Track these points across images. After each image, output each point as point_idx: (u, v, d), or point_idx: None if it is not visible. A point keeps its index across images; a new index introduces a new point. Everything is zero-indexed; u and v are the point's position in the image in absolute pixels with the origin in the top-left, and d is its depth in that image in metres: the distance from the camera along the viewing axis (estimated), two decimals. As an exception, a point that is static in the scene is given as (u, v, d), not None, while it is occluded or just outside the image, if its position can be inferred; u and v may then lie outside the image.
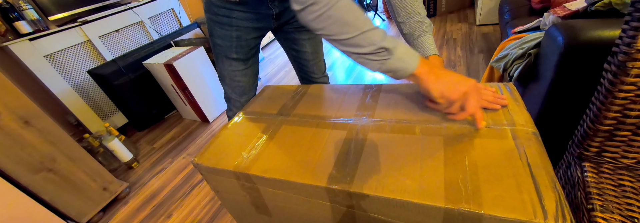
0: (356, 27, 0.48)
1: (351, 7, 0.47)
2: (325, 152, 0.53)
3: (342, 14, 0.47)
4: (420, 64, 0.49)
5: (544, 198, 0.35)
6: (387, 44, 0.48)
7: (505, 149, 0.44)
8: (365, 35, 0.48)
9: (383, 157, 0.48)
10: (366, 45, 0.48)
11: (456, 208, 0.37)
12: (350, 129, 0.58)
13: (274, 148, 0.58)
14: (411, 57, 0.50)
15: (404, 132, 0.54)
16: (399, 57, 0.49)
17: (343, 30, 0.48)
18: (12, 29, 1.54)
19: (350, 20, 0.47)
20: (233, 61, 0.86)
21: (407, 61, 0.49)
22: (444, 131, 0.51)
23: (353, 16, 0.47)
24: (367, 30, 0.48)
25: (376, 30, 0.48)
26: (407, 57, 0.49)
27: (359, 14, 0.48)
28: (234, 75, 0.88)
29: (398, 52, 0.49)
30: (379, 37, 0.48)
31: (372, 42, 0.48)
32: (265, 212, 0.63)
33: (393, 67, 0.50)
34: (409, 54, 0.50)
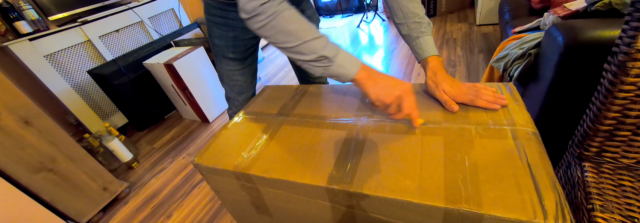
0: (298, 37, 0.51)
1: (294, 19, 0.51)
2: (325, 152, 0.53)
3: (285, 25, 0.51)
4: (359, 70, 0.53)
5: (544, 198, 0.35)
6: (327, 52, 0.51)
7: (505, 149, 0.44)
8: (307, 44, 0.51)
9: (383, 157, 0.48)
10: (308, 53, 0.52)
11: (456, 208, 0.37)
12: (350, 129, 0.58)
13: (274, 148, 0.58)
14: (351, 64, 0.53)
15: (403, 132, 0.54)
16: (340, 64, 0.52)
17: (287, 39, 0.52)
18: (12, 29, 1.54)
19: (293, 30, 0.51)
20: (230, 61, 0.86)
21: (347, 68, 0.53)
22: (444, 131, 0.51)
23: (295, 27, 0.51)
24: (309, 39, 0.51)
25: (318, 40, 0.52)
26: (347, 64, 0.53)
27: (302, 25, 0.52)
28: (232, 74, 0.89)
29: (338, 59, 0.52)
30: (321, 46, 0.52)
31: (313, 50, 0.51)
32: (265, 212, 0.63)
33: (335, 73, 0.53)
34: (349, 61, 0.53)
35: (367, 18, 3.44)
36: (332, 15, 4.05)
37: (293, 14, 0.51)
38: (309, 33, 0.52)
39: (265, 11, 0.50)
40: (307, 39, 0.51)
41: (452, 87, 0.59)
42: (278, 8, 0.50)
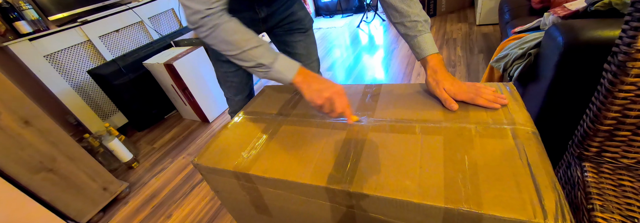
0: (238, 47, 0.58)
1: (233, 30, 0.57)
2: (325, 151, 0.53)
3: (225, 36, 0.57)
4: (296, 75, 0.58)
5: (544, 198, 0.35)
6: (264, 60, 0.58)
7: (505, 148, 0.44)
8: (246, 53, 0.58)
9: (383, 157, 0.48)
10: (248, 61, 0.59)
11: (456, 208, 0.37)
12: (350, 129, 0.58)
13: (274, 148, 0.58)
14: (288, 69, 0.59)
15: (403, 131, 0.54)
16: (277, 70, 0.58)
17: (228, 48, 0.58)
18: (12, 29, 1.55)
19: (233, 40, 0.57)
20: (224, 63, 0.89)
21: (285, 73, 0.58)
22: (443, 131, 0.51)
23: (235, 38, 0.57)
24: (248, 48, 0.58)
25: (257, 49, 0.58)
26: (285, 70, 0.59)
27: (242, 35, 0.58)
28: (227, 76, 0.92)
29: (276, 66, 0.58)
30: (259, 54, 0.58)
31: (252, 58, 0.58)
32: (265, 212, 0.63)
33: (274, 78, 0.60)
34: (287, 67, 0.59)
35: (367, 18, 3.44)
36: (332, 15, 4.05)
37: (233, 26, 0.57)
38: (249, 43, 0.58)
39: (207, 24, 0.55)
40: (246, 48, 0.57)
41: (452, 85, 0.60)
42: (218, 21, 0.56)
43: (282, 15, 0.85)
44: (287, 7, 0.85)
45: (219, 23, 0.56)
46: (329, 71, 2.33)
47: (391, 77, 2.03)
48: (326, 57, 2.62)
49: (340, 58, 2.55)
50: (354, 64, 2.36)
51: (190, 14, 0.55)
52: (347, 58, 2.52)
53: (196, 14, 0.55)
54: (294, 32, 0.91)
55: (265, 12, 0.81)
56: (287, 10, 0.85)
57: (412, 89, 0.68)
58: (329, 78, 1.09)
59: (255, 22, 0.84)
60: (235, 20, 0.58)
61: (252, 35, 0.59)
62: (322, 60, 2.58)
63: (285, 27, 0.90)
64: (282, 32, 0.92)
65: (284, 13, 0.85)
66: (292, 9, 0.86)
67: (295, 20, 0.89)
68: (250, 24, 0.83)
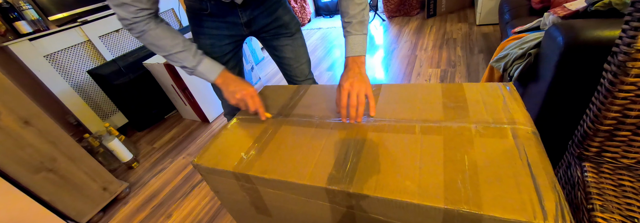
0: (165, 50, 0.68)
1: (159, 36, 0.66)
2: (325, 152, 0.53)
3: (152, 40, 0.67)
4: (217, 78, 0.71)
5: (544, 199, 0.35)
6: (188, 64, 0.69)
7: (505, 148, 0.44)
8: (173, 56, 0.69)
9: (382, 157, 0.48)
10: (176, 62, 0.70)
11: (456, 209, 0.37)
12: (350, 129, 0.58)
13: (274, 148, 0.58)
14: (210, 72, 0.71)
15: (403, 131, 0.54)
16: (200, 72, 0.70)
17: (157, 50, 0.68)
18: (12, 29, 1.55)
19: (160, 45, 0.67)
20: None
21: (207, 75, 0.71)
22: (443, 130, 0.51)
23: (162, 42, 0.67)
24: (174, 52, 0.68)
25: (181, 53, 0.68)
26: (207, 72, 0.71)
27: (168, 41, 0.67)
28: None
29: (199, 68, 0.70)
30: (183, 58, 0.68)
31: (178, 61, 0.69)
32: (265, 213, 0.63)
33: (199, 77, 0.72)
34: (209, 70, 0.71)
35: (367, 18, 3.44)
36: (332, 15, 4.04)
37: (159, 33, 0.66)
38: (174, 48, 0.67)
39: (134, 29, 0.64)
40: (172, 52, 0.68)
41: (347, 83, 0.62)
42: (144, 28, 0.64)
43: (266, 20, 0.86)
44: (270, 12, 0.85)
45: (145, 30, 0.64)
46: (329, 71, 2.33)
47: (391, 77, 2.03)
48: (326, 57, 2.62)
49: (340, 58, 2.54)
50: (354, 64, 2.35)
51: (119, 18, 0.63)
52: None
53: (123, 20, 0.62)
54: (281, 36, 0.92)
55: (247, 16, 0.82)
56: (271, 15, 0.86)
57: (412, 89, 0.68)
58: (328, 78, 1.10)
59: (237, 27, 0.85)
60: (163, 27, 0.67)
61: (178, 40, 0.68)
62: (322, 60, 2.58)
63: (271, 32, 0.90)
64: (269, 37, 0.92)
65: (267, 18, 0.85)
66: (277, 14, 0.87)
67: (281, 25, 0.89)
68: (233, 28, 0.85)
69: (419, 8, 3.31)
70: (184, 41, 0.69)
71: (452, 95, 0.62)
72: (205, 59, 0.70)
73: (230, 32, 0.86)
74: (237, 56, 0.95)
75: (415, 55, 2.26)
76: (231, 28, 0.85)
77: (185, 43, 0.69)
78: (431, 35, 2.59)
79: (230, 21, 0.82)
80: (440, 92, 0.64)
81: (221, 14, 0.81)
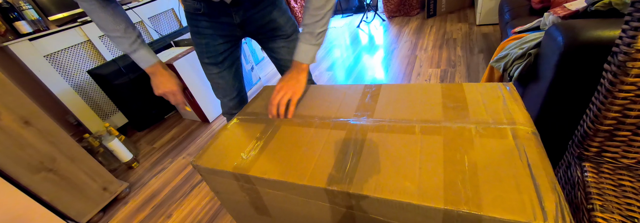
0: (104, 30, 0.75)
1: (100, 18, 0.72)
2: (325, 152, 0.53)
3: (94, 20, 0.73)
4: (148, 68, 0.81)
5: (544, 199, 0.35)
6: (124, 49, 0.77)
7: (505, 149, 0.44)
8: (112, 38, 0.76)
9: (382, 158, 0.48)
10: (115, 44, 0.77)
11: (455, 210, 0.37)
12: (350, 129, 0.58)
13: (273, 148, 0.58)
14: (142, 62, 0.80)
15: (403, 131, 0.53)
16: (135, 59, 0.80)
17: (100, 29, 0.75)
18: (12, 29, 1.55)
19: (100, 25, 0.74)
20: (207, 65, 0.93)
21: (140, 64, 0.80)
22: (443, 131, 0.51)
23: (101, 23, 0.73)
24: (114, 36, 0.75)
25: (121, 38, 0.75)
26: (140, 61, 0.80)
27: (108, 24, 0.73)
28: (212, 77, 0.96)
29: (134, 56, 0.79)
30: (119, 42, 0.76)
31: (116, 44, 0.77)
32: (265, 213, 0.63)
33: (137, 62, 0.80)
34: (142, 60, 0.80)
35: (367, 18, 3.44)
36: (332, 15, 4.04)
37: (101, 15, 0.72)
38: (116, 31, 0.74)
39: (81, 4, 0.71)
40: (111, 35, 0.75)
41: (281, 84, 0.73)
42: (88, 7, 0.70)
43: (260, 21, 0.85)
44: (264, 14, 0.85)
45: (88, 8, 0.70)
46: (329, 71, 2.33)
47: (391, 77, 2.03)
48: (326, 57, 2.62)
49: (340, 58, 2.54)
50: (354, 64, 2.36)
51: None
52: (347, 58, 2.52)
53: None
54: (276, 38, 0.91)
55: (241, 17, 0.82)
56: (265, 17, 0.85)
57: (412, 88, 0.68)
58: (328, 78, 1.10)
59: (231, 27, 0.85)
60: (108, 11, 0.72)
61: (120, 26, 0.74)
62: (322, 60, 2.58)
63: (267, 34, 0.90)
64: (265, 39, 0.93)
65: (261, 20, 0.85)
66: (271, 16, 0.86)
67: (276, 27, 0.89)
68: (227, 29, 0.86)
69: (419, 8, 3.31)
70: (126, 28, 0.75)
71: (452, 96, 0.62)
72: (142, 50, 0.78)
73: (224, 32, 0.86)
74: (233, 56, 0.95)
75: (415, 55, 2.26)
76: (225, 28, 0.85)
77: (127, 30, 0.75)
78: (431, 35, 2.59)
79: (224, 22, 0.83)
80: (440, 92, 0.64)
81: (215, 14, 0.82)
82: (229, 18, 0.82)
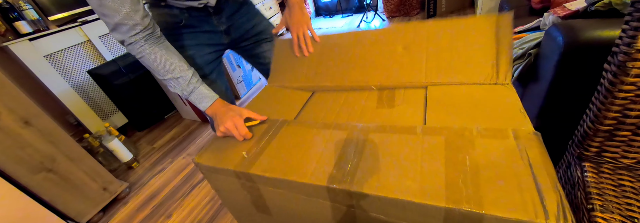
0: (160, 74, 0.68)
1: (155, 61, 0.66)
2: (326, 151, 0.53)
3: (148, 64, 0.67)
4: (208, 109, 0.71)
5: (545, 198, 0.35)
6: (180, 91, 0.70)
7: (506, 149, 0.44)
8: (167, 81, 0.69)
9: (383, 157, 0.48)
10: (170, 86, 0.70)
11: (457, 208, 0.37)
12: (351, 129, 0.58)
13: (275, 147, 0.58)
14: (201, 103, 0.71)
15: (404, 132, 0.54)
16: (193, 99, 0.71)
17: (153, 72, 0.70)
18: (12, 29, 1.55)
19: (155, 69, 0.68)
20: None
21: (198, 105, 0.71)
22: (445, 131, 0.51)
23: (157, 67, 0.67)
24: (169, 78, 0.68)
25: (177, 79, 0.68)
26: (198, 103, 0.71)
27: (164, 65, 0.67)
28: None
29: (192, 97, 0.70)
30: (178, 83, 0.69)
31: (172, 86, 0.70)
32: (266, 211, 0.63)
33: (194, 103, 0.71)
34: (200, 101, 0.71)
35: (367, 18, 3.44)
36: (332, 15, 4.05)
37: (155, 57, 0.66)
38: (171, 73, 0.68)
39: (132, 50, 0.66)
40: (167, 77, 0.68)
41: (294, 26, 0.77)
42: (142, 51, 0.65)
43: (245, 26, 0.86)
44: (248, 19, 0.86)
45: (141, 52, 0.65)
46: (329, 71, 2.33)
47: (391, 77, 2.03)
48: (326, 57, 2.62)
49: (340, 58, 2.54)
50: (354, 64, 2.36)
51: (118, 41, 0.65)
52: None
53: (122, 42, 0.64)
54: (262, 42, 0.92)
55: (226, 24, 0.82)
56: (250, 21, 0.86)
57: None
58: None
59: (217, 35, 0.84)
60: (160, 51, 0.66)
61: (174, 66, 0.68)
62: (322, 60, 2.58)
63: (253, 39, 0.90)
64: (251, 46, 0.92)
65: (247, 24, 0.86)
66: (255, 21, 0.87)
67: (261, 30, 0.89)
68: (213, 38, 0.84)
69: (419, 8, 3.31)
70: (180, 67, 0.68)
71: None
72: (198, 89, 0.70)
73: (211, 41, 0.85)
74: (219, 68, 0.92)
75: (415, 56, 2.26)
76: (211, 37, 0.84)
77: (181, 69, 0.68)
78: (431, 36, 2.59)
79: (208, 30, 0.82)
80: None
81: (197, 24, 0.80)
82: (213, 26, 0.81)
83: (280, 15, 3.48)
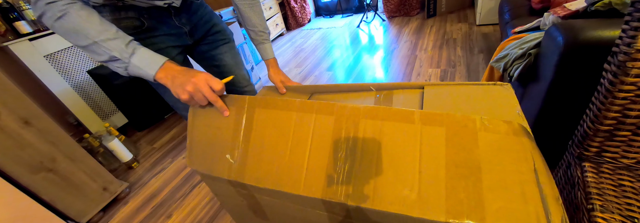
0: (87, 37, 0.52)
1: (85, 18, 0.52)
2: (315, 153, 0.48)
3: (76, 24, 0.52)
4: (158, 71, 0.55)
5: (550, 211, 0.33)
6: (118, 54, 0.54)
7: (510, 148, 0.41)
8: (98, 45, 0.53)
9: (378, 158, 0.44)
10: (102, 54, 0.54)
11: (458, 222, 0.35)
12: (339, 114, 0.48)
13: (257, 146, 0.52)
14: (149, 65, 0.55)
15: (400, 119, 0.46)
16: (136, 65, 0.55)
17: (77, 38, 0.53)
18: (12, 29, 1.54)
19: (85, 29, 0.52)
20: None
21: (145, 69, 0.55)
22: (446, 120, 0.44)
23: (84, 25, 0.52)
24: (101, 40, 0.53)
25: (113, 41, 0.53)
26: (145, 66, 0.55)
27: (94, 25, 0.53)
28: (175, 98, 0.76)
29: (134, 60, 0.55)
30: (113, 46, 0.53)
31: (105, 51, 0.53)
32: (263, 217, 0.62)
33: (135, 73, 0.56)
34: (147, 63, 0.55)
35: (367, 18, 3.44)
36: (332, 15, 4.05)
37: (84, 14, 0.52)
38: (102, 34, 0.53)
39: (52, 8, 0.51)
40: (98, 39, 0.53)
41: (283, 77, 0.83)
42: (65, 7, 0.51)
43: (205, 27, 0.85)
44: (207, 20, 0.85)
45: (67, 10, 0.51)
46: (329, 71, 2.33)
47: (391, 77, 2.03)
48: (326, 57, 2.62)
49: (340, 58, 2.55)
50: (354, 64, 2.36)
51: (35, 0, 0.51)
52: (347, 58, 2.52)
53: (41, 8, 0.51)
54: (219, 44, 0.90)
55: (189, 25, 0.80)
56: (208, 22, 0.86)
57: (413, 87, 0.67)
58: (329, 78, 1.10)
59: (182, 37, 0.81)
60: (89, 9, 0.54)
61: (108, 27, 0.54)
62: (322, 60, 2.58)
63: (210, 40, 0.88)
64: (208, 48, 0.89)
65: (205, 25, 0.85)
66: (213, 21, 0.87)
67: (219, 31, 0.88)
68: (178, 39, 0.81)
69: (419, 8, 3.31)
70: (115, 28, 0.55)
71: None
72: (142, 48, 0.56)
73: (176, 42, 0.80)
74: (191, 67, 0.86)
75: (415, 55, 2.26)
76: (176, 39, 0.80)
77: (117, 31, 0.55)
78: (431, 35, 2.59)
79: (172, 33, 0.78)
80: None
81: (159, 26, 0.74)
82: (177, 28, 0.78)
83: (280, 15, 3.48)
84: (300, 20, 3.77)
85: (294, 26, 3.78)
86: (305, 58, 2.71)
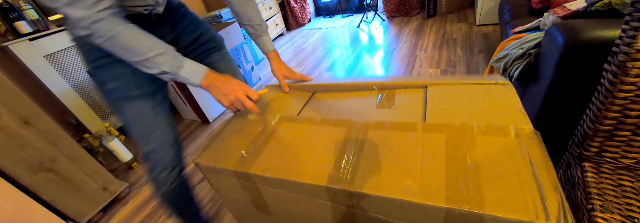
0: (139, 53, 0.56)
1: (133, 36, 0.56)
2: (325, 150, 0.53)
3: (123, 43, 0.55)
4: (203, 79, 0.62)
5: (546, 198, 0.35)
6: (168, 68, 0.58)
7: (508, 147, 0.44)
8: (149, 61, 0.57)
9: (383, 155, 0.48)
10: (152, 68, 0.58)
11: (457, 209, 0.37)
12: (350, 126, 0.58)
13: (274, 145, 0.58)
14: (194, 75, 0.62)
15: (404, 129, 0.53)
16: (183, 76, 0.60)
17: (128, 55, 0.57)
18: (12, 29, 1.54)
19: (132, 47, 0.56)
20: (136, 100, 0.71)
21: (191, 79, 0.61)
22: (445, 128, 0.51)
23: (134, 44, 0.56)
24: (151, 56, 0.57)
25: (161, 56, 0.58)
26: (190, 76, 0.61)
27: (143, 42, 0.57)
28: (142, 118, 0.72)
29: (182, 73, 0.60)
30: (162, 61, 0.58)
31: (155, 66, 0.58)
32: (266, 212, 0.63)
33: (182, 81, 0.62)
34: (193, 73, 0.61)
35: (367, 18, 3.44)
36: (332, 15, 4.05)
37: (132, 32, 0.56)
38: (151, 49, 0.57)
39: (97, 29, 0.52)
40: (148, 55, 0.57)
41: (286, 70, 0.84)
42: (111, 27, 0.53)
43: (191, 36, 0.82)
44: (194, 28, 0.82)
45: (114, 31, 0.53)
46: (328, 71, 2.33)
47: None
48: (326, 57, 2.63)
49: (340, 58, 2.55)
50: (354, 64, 2.36)
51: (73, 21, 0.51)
52: (347, 58, 2.52)
53: (81, 21, 0.51)
54: (210, 52, 0.87)
55: (172, 34, 0.77)
56: (196, 30, 0.82)
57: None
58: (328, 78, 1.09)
59: None
60: (133, 27, 0.56)
61: (154, 41, 0.58)
62: (322, 60, 2.58)
63: (200, 49, 0.85)
64: (200, 57, 0.86)
65: (192, 34, 0.82)
66: (201, 29, 0.84)
67: (208, 39, 0.85)
68: None
69: (419, 8, 3.31)
70: (160, 42, 0.59)
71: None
72: (187, 61, 0.61)
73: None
74: (164, 88, 0.81)
75: (415, 55, 2.26)
76: None
77: (162, 44, 0.59)
78: (431, 35, 2.59)
79: None
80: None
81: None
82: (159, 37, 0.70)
83: (280, 15, 3.48)
84: (300, 20, 3.77)
85: (294, 26, 3.79)
86: (305, 58, 2.71)
